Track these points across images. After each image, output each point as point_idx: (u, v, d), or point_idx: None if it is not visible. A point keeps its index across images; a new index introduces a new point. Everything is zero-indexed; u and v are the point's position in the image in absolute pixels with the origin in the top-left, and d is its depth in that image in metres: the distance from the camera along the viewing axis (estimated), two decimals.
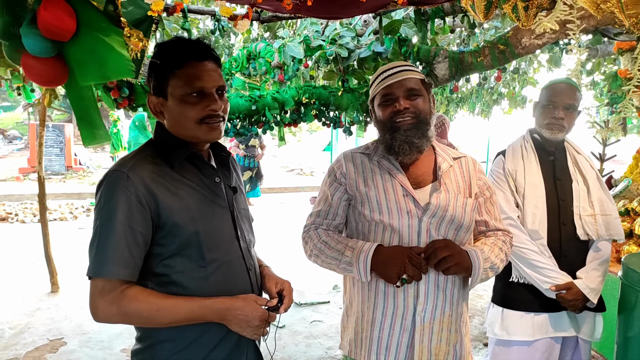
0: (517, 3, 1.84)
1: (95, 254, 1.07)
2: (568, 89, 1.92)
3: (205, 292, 1.15)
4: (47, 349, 3.29)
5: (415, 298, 1.37)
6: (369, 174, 1.47)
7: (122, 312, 1.06)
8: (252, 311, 1.13)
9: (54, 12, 0.70)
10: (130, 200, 1.07)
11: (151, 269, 1.13)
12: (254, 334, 1.16)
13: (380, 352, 1.40)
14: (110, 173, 1.11)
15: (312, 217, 1.54)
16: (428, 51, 3.33)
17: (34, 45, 0.72)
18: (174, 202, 1.12)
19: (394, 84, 1.43)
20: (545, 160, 1.94)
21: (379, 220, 1.40)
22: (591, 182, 1.91)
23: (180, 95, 1.14)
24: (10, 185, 11.54)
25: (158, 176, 1.13)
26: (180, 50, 1.14)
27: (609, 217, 1.89)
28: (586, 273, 1.85)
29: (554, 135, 1.92)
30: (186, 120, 1.16)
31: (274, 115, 3.47)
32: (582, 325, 1.89)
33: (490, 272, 1.42)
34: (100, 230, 1.07)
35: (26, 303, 4.15)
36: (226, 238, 1.22)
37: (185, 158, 1.18)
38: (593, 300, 1.82)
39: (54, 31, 0.71)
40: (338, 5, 2.30)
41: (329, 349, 3.31)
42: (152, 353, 1.15)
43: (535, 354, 1.85)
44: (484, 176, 1.56)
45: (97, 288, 1.07)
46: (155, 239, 1.12)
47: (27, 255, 5.64)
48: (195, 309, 1.10)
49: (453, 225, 1.41)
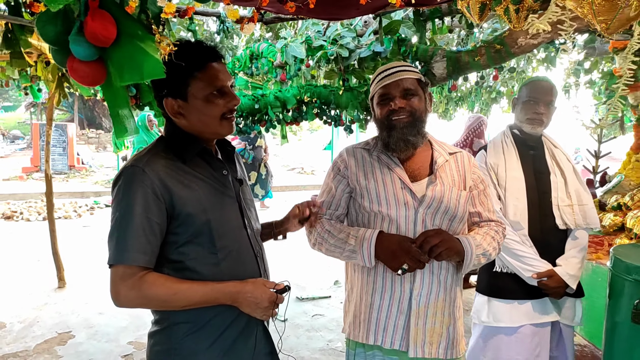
0: (508, 5, 1.92)
1: (116, 242, 1.15)
2: (548, 86, 2.04)
3: (217, 277, 1.23)
4: (55, 342, 3.38)
5: (411, 283, 1.46)
6: (369, 167, 1.56)
7: (142, 296, 1.14)
8: (261, 294, 1.22)
9: (99, 22, 0.80)
10: (147, 193, 1.15)
11: (167, 256, 1.21)
12: (264, 315, 1.24)
13: (378, 333, 1.49)
14: (127, 168, 1.19)
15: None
16: (426, 51, 3.41)
17: (80, 51, 0.82)
18: (187, 194, 1.20)
19: (391, 84, 1.52)
20: (525, 154, 2.04)
21: (378, 211, 1.49)
22: (568, 174, 2.02)
23: (205, 96, 1.23)
24: (14, 185, 11.65)
25: (171, 170, 1.21)
26: (198, 53, 1.22)
27: (585, 207, 2.00)
28: (565, 260, 1.95)
29: (535, 129, 2.03)
30: (210, 118, 1.25)
31: (276, 114, 3.56)
32: (563, 310, 1.99)
33: (483, 258, 1.50)
34: (120, 222, 1.15)
35: (34, 298, 4.25)
36: (234, 226, 1.30)
37: (196, 153, 1.27)
38: (572, 286, 1.92)
39: (99, 38, 0.81)
40: (338, 6, 2.38)
41: (330, 342, 3.40)
42: (168, 334, 1.24)
43: (522, 339, 1.94)
44: (478, 170, 1.65)
45: (118, 274, 1.15)
46: (169, 229, 1.20)
47: (34, 252, 5.74)
48: (209, 292, 1.19)
49: (447, 216, 1.49)
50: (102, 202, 9.70)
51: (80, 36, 0.81)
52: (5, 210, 8.17)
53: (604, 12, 1.25)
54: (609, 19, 1.26)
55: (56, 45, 0.84)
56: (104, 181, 12.43)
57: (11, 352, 3.20)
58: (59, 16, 0.80)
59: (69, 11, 0.81)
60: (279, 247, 6.34)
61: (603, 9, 1.24)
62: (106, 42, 0.83)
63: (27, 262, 5.41)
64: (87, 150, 16.01)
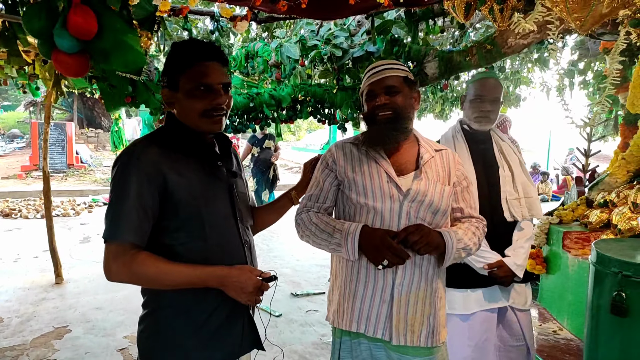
0: (493, 5, 1.98)
1: (111, 220, 1.22)
2: (493, 83, 2.08)
3: (204, 262, 1.28)
4: (52, 336, 3.43)
5: (393, 273, 1.51)
6: (357, 161, 1.61)
7: (132, 273, 1.21)
8: (246, 280, 1.28)
9: (81, 16, 0.86)
10: (141, 178, 1.21)
11: (158, 241, 1.27)
12: (248, 300, 1.29)
13: (361, 321, 1.54)
14: (124, 153, 1.26)
15: (304, 200, 1.67)
16: (418, 51, 3.46)
17: (64, 43, 0.88)
18: (179, 181, 1.26)
19: (376, 81, 1.58)
20: (475, 149, 2.10)
21: (364, 204, 1.54)
22: (515, 168, 2.09)
23: (189, 89, 1.30)
24: (13, 183, 11.69)
25: (165, 157, 1.27)
26: (191, 51, 1.31)
27: (530, 200, 2.07)
28: (513, 251, 2.03)
29: (483, 126, 2.09)
30: (191, 112, 1.32)
31: (272, 112, 3.61)
32: (514, 295, 2.07)
33: (463, 252, 1.55)
34: (115, 202, 1.22)
35: (32, 293, 4.30)
36: (224, 215, 1.36)
37: (191, 143, 1.34)
38: (519, 275, 2.00)
39: (81, 32, 0.86)
40: (330, 6, 2.44)
41: (323, 336, 3.45)
42: (156, 317, 1.31)
43: (474, 325, 2.02)
44: (462, 167, 1.71)
45: (112, 252, 1.21)
46: (161, 214, 1.26)
47: (32, 249, 5.79)
48: (197, 274, 1.25)
49: (431, 210, 1.54)
50: (100, 200, 9.75)
51: (64, 30, 0.87)
52: (4, 208, 8.22)
53: (577, 9, 1.31)
54: (582, 16, 1.31)
55: (41, 38, 0.90)
56: (102, 180, 12.48)
57: (8, 346, 3.25)
58: (44, 10, 0.86)
59: (54, 6, 0.87)
60: (275, 243, 6.37)
61: (577, 6, 1.30)
62: (88, 35, 0.89)
63: (25, 258, 5.46)
64: (86, 149, 16.04)
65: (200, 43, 1.33)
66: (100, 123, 20.13)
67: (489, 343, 2.03)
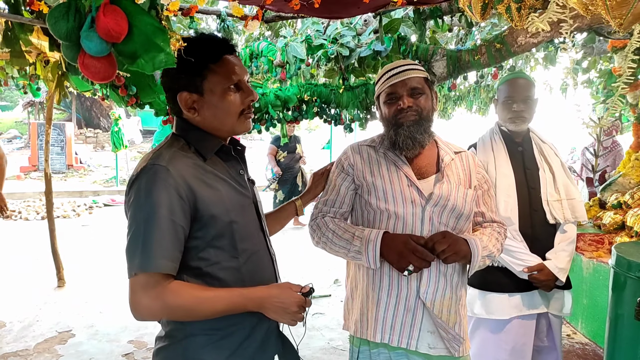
0: (510, 4, 1.93)
1: (142, 249, 1.04)
2: (522, 82, 2.07)
3: (237, 282, 1.17)
4: (55, 341, 3.37)
5: (417, 281, 1.46)
6: (375, 165, 1.55)
7: (166, 307, 1.05)
8: (288, 298, 1.14)
9: (111, 17, 0.80)
10: (171, 194, 1.06)
11: (186, 262, 1.12)
12: (292, 320, 1.16)
13: (385, 331, 1.48)
14: (148, 167, 1.09)
15: (320, 205, 1.61)
16: (426, 50, 3.41)
17: (92, 46, 0.82)
18: (210, 195, 1.13)
19: (398, 83, 1.52)
20: (514, 151, 2.07)
21: (385, 209, 1.48)
22: (556, 169, 2.05)
23: (222, 90, 1.16)
24: (12, 184, 11.61)
25: (193, 169, 1.13)
26: (214, 45, 1.16)
27: (573, 201, 2.03)
28: (555, 254, 1.98)
29: (518, 127, 2.06)
30: (228, 114, 1.19)
31: (277, 113, 3.55)
32: (552, 301, 2.03)
33: (487, 260, 1.51)
34: (145, 226, 1.05)
35: (34, 297, 4.23)
36: (254, 228, 1.25)
37: (217, 152, 1.21)
38: (562, 279, 1.96)
39: (111, 34, 0.80)
40: (340, 5, 2.38)
41: (331, 340, 3.40)
42: (184, 346, 1.14)
43: (511, 330, 1.98)
44: (483, 170, 1.66)
45: (140, 284, 1.04)
46: (191, 232, 1.11)
47: (33, 252, 5.73)
48: (235, 299, 1.11)
49: (454, 214, 1.49)
50: (100, 202, 9.69)
51: (92, 32, 0.81)
52: None
53: (617, 7, 1.25)
54: (623, 14, 1.26)
55: (68, 41, 0.84)
56: (102, 180, 12.41)
57: (11, 352, 3.19)
58: (71, 12, 0.80)
59: (81, 7, 0.81)
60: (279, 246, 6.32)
61: (616, 4, 1.25)
62: (118, 37, 0.83)
63: (26, 261, 5.39)
64: (85, 149, 15.98)
65: (214, 36, 1.20)
66: (98, 123, 20.05)
67: (526, 348, 1.99)
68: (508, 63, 6.37)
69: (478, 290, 2.06)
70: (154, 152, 1.15)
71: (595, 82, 5.80)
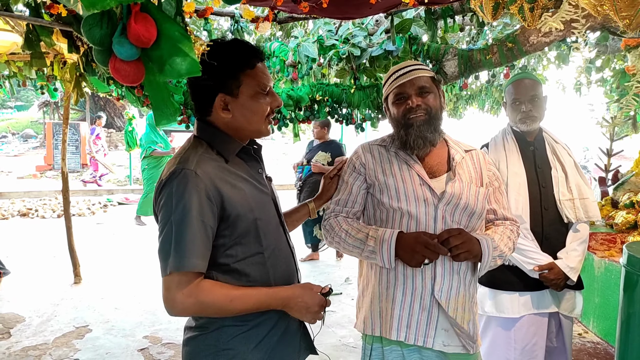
0: (523, 4, 1.94)
1: (175, 249, 1.11)
2: (528, 82, 2.08)
3: (263, 276, 1.24)
4: (73, 336, 3.45)
5: (432, 279, 1.47)
6: (387, 164, 1.57)
7: (199, 303, 1.12)
8: (311, 298, 1.23)
9: (142, 24, 0.85)
10: (201, 197, 1.13)
11: (214, 259, 1.19)
12: (312, 319, 1.25)
13: (401, 329, 1.50)
14: (178, 171, 1.15)
15: (332, 205, 1.63)
16: (438, 49, 3.43)
17: (123, 51, 0.87)
18: (235, 194, 1.20)
19: (406, 82, 1.54)
20: (526, 150, 2.08)
21: (397, 208, 1.50)
22: (569, 169, 2.05)
23: (254, 93, 1.24)
24: (28, 183, 11.83)
25: (219, 171, 1.20)
26: (251, 52, 1.25)
27: (586, 201, 2.03)
28: (566, 253, 1.99)
29: (529, 126, 2.07)
30: (256, 116, 1.27)
31: (289, 112, 3.60)
32: (563, 302, 2.03)
33: (499, 259, 1.52)
34: (177, 227, 1.11)
35: (51, 293, 4.34)
36: (274, 224, 1.32)
37: (240, 152, 1.28)
38: (573, 278, 1.96)
39: (141, 40, 0.85)
40: (351, 5, 2.42)
41: (342, 337, 3.43)
42: (216, 336, 1.22)
43: (521, 329, 1.99)
44: (493, 167, 1.67)
45: (174, 282, 1.11)
46: (218, 231, 1.18)
47: (49, 249, 5.85)
48: (262, 298, 1.19)
49: (466, 212, 1.51)
50: (114, 200, 9.83)
51: (124, 38, 0.87)
52: (21, 208, 8.32)
53: (625, 8, 1.27)
54: (631, 15, 1.28)
55: (100, 47, 0.89)
56: (116, 179, 12.57)
57: (31, 345, 3.28)
58: (104, 19, 0.86)
59: (112, 14, 0.86)
60: None
61: (624, 5, 1.26)
62: (147, 43, 0.88)
63: (44, 258, 5.51)
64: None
65: (249, 44, 1.28)
66: (112, 123, 20.29)
67: (537, 347, 2.00)
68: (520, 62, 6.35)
69: (488, 289, 2.08)
70: (180, 156, 1.21)
71: (608, 81, 5.75)
